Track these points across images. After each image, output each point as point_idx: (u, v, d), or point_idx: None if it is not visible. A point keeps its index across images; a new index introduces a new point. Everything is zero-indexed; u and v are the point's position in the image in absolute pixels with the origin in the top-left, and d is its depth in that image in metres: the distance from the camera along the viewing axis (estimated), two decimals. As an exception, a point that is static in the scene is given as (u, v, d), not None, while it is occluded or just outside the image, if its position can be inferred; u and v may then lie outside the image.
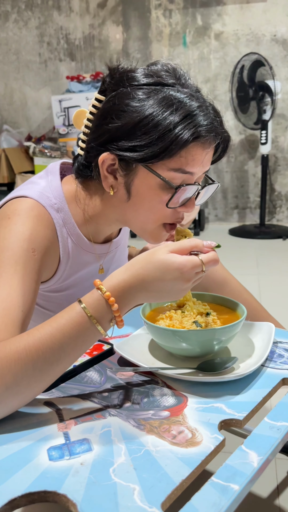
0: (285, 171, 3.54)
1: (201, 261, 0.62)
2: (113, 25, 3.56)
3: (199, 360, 0.74)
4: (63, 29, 3.64)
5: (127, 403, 0.65)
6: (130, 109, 0.71)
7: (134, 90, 0.71)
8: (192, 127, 0.69)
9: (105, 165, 0.74)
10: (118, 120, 0.71)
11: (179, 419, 0.61)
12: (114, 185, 0.76)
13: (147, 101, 0.70)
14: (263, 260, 2.67)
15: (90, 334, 0.62)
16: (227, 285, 1.09)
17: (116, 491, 0.48)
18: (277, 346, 0.81)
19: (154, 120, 0.69)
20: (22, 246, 0.72)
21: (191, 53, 3.49)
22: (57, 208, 0.79)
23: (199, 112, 0.71)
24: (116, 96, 0.73)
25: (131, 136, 0.71)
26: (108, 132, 0.73)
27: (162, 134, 0.69)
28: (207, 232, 3.48)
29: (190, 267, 0.62)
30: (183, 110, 0.70)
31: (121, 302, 0.62)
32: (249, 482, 0.50)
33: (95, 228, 0.85)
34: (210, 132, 0.72)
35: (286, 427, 0.58)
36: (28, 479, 0.50)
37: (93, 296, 0.62)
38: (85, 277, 0.89)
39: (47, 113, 3.76)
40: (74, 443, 0.56)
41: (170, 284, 0.62)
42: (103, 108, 0.75)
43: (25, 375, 0.58)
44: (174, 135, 0.69)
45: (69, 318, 0.61)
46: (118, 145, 0.72)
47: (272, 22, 3.31)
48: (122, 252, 0.99)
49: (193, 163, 0.72)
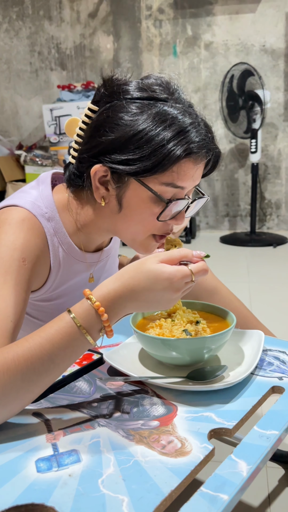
0: (275, 179, 3.57)
1: (191, 271, 0.63)
2: (104, 35, 3.58)
3: (189, 368, 0.74)
4: (54, 39, 3.65)
5: (116, 413, 0.65)
6: (124, 123, 0.71)
7: (128, 104, 0.72)
8: (184, 144, 0.70)
9: (97, 177, 0.75)
10: (112, 133, 0.72)
11: (169, 429, 0.60)
12: (106, 196, 0.77)
13: (141, 115, 0.71)
14: (254, 268, 2.68)
15: (80, 344, 0.62)
16: (218, 293, 1.09)
17: (105, 502, 0.48)
18: (267, 354, 0.81)
19: (147, 135, 0.70)
20: (12, 256, 0.71)
21: (181, 63, 3.52)
22: (48, 217, 0.79)
23: (192, 129, 0.72)
24: (110, 109, 0.73)
25: (124, 149, 0.71)
26: (101, 145, 0.73)
27: (155, 149, 0.70)
28: (198, 240, 3.49)
29: (179, 277, 0.62)
30: (176, 126, 0.71)
31: (111, 312, 0.62)
32: (238, 492, 0.50)
33: (86, 237, 0.85)
34: (202, 148, 0.73)
35: (275, 436, 0.58)
36: (16, 491, 0.50)
37: (83, 306, 0.62)
38: (76, 286, 0.89)
39: (38, 122, 3.77)
40: (62, 454, 0.56)
41: (159, 294, 0.63)
42: (96, 120, 0.75)
43: (14, 386, 0.58)
44: (167, 151, 0.70)
45: (58, 328, 0.61)
46: (111, 158, 0.72)
47: (261, 32, 3.36)
48: (113, 261, 0.99)
49: (184, 178, 0.73)
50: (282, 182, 3.56)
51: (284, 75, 3.39)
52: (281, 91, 3.42)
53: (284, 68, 3.38)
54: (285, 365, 0.77)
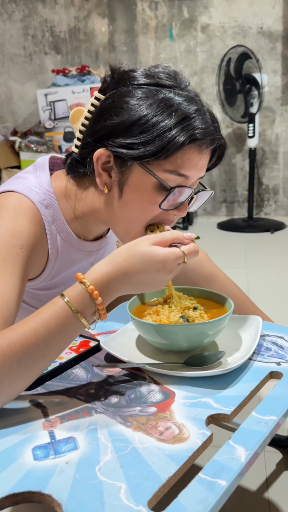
0: (272, 165, 3.55)
1: (183, 253, 0.64)
2: (99, 17, 3.51)
3: (186, 354, 0.73)
4: (48, 22, 3.58)
5: (113, 400, 0.64)
6: (129, 107, 0.71)
7: (134, 89, 0.72)
8: (189, 130, 0.70)
9: (100, 162, 0.74)
10: (116, 117, 0.71)
11: (166, 415, 0.60)
12: (108, 183, 0.75)
13: (146, 100, 0.70)
14: (251, 254, 2.67)
15: (74, 328, 0.62)
16: (215, 279, 1.08)
17: (102, 489, 0.47)
18: (265, 340, 0.81)
19: (152, 119, 0.69)
20: (10, 242, 0.70)
21: (177, 46, 3.47)
22: (46, 204, 0.78)
23: (197, 116, 0.71)
24: (115, 94, 0.73)
25: (128, 133, 0.71)
26: (105, 128, 0.72)
27: (159, 134, 0.69)
28: (195, 226, 3.47)
29: (173, 258, 0.63)
30: (181, 112, 0.70)
31: (104, 295, 0.63)
32: (236, 477, 0.49)
33: (84, 226, 0.84)
34: (207, 135, 0.72)
35: (274, 421, 0.58)
36: (12, 479, 0.49)
37: (76, 290, 0.62)
38: (73, 275, 0.88)
39: (33, 107, 3.71)
40: (59, 441, 0.55)
41: (153, 276, 0.63)
42: (101, 105, 0.74)
43: (10, 371, 0.57)
44: (172, 136, 0.69)
45: (53, 313, 0.61)
46: (115, 142, 0.71)
47: (258, 14, 3.30)
48: (111, 249, 0.98)
49: (189, 166, 0.72)
50: (279, 167, 3.54)
51: (282, 58, 3.34)
52: (279, 75, 3.37)
53: (282, 51, 3.33)
54: (283, 350, 0.77)
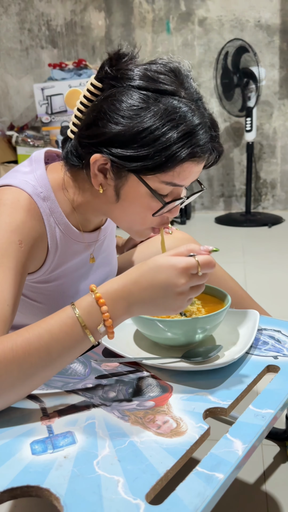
0: (270, 159, 3.54)
1: (197, 262, 0.60)
2: (95, 11, 3.49)
3: (184, 349, 0.73)
4: (44, 16, 3.56)
5: (111, 394, 0.64)
6: (129, 116, 0.68)
7: (133, 93, 0.69)
8: (189, 146, 0.68)
9: (96, 165, 0.73)
10: (115, 125, 0.69)
11: (164, 409, 0.60)
12: (103, 183, 0.75)
13: (147, 111, 0.68)
14: (249, 248, 2.67)
15: (78, 339, 0.60)
16: (213, 274, 1.08)
17: (100, 483, 0.48)
18: (262, 333, 0.81)
19: (152, 134, 0.67)
20: (9, 238, 0.70)
21: (174, 40, 3.45)
22: (43, 197, 0.78)
23: (199, 130, 0.69)
24: (114, 96, 0.70)
25: (127, 145, 0.69)
26: (103, 135, 0.70)
27: (158, 150, 0.68)
28: (193, 221, 3.47)
29: (184, 264, 0.60)
30: (184, 126, 0.68)
31: (112, 306, 0.60)
32: (234, 471, 0.50)
33: (82, 217, 0.84)
34: (207, 151, 0.72)
35: (271, 415, 0.58)
36: (11, 474, 0.49)
37: (85, 298, 0.61)
38: (74, 267, 0.88)
39: (30, 101, 3.69)
40: (57, 436, 0.55)
41: (164, 286, 0.60)
42: (100, 106, 0.72)
43: (10, 376, 0.57)
44: (171, 153, 0.68)
45: (58, 319, 0.60)
46: (112, 151, 0.70)
47: (256, 7, 3.28)
48: (110, 240, 0.98)
49: (184, 177, 0.72)
50: (277, 162, 3.53)
51: (280, 51, 3.32)
52: (276, 68, 3.36)
53: (280, 44, 3.31)
54: (280, 344, 0.77)
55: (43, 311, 0.86)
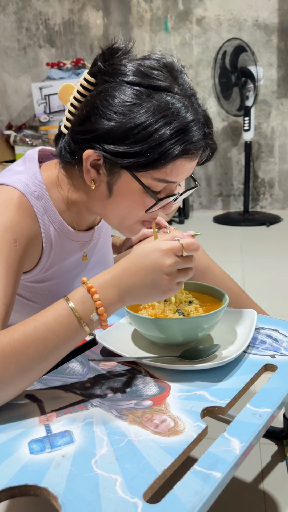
0: (268, 158, 3.55)
1: (181, 244, 0.63)
2: (93, 10, 3.49)
3: (181, 348, 0.73)
4: (42, 15, 3.55)
5: (109, 393, 0.65)
6: (122, 112, 0.68)
7: (127, 89, 0.69)
8: (182, 143, 0.68)
9: (89, 160, 0.73)
10: (108, 121, 0.69)
11: (162, 408, 0.60)
12: (96, 179, 0.75)
13: (140, 107, 0.67)
14: (247, 247, 2.68)
15: (73, 329, 0.61)
16: (211, 273, 1.08)
17: (98, 482, 0.48)
18: (259, 333, 0.81)
19: (145, 130, 0.67)
20: (3, 237, 0.70)
21: (172, 39, 3.45)
22: (37, 196, 0.78)
23: (192, 127, 0.69)
24: (107, 92, 0.70)
25: (120, 141, 0.69)
26: (96, 131, 0.70)
27: (152, 146, 0.67)
28: (191, 220, 3.47)
29: (168, 246, 0.63)
30: (177, 123, 0.68)
31: (103, 293, 0.62)
32: (231, 469, 0.50)
33: (76, 216, 0.84)
34: (200, 148, 0.72)
35: (268, 413, 0.59)
36: (9, 473, 0.49)
37: (78, 290, 0.63)
38: (69, 266, 0.88)
39: (28, 101, 3.69)
40: (55, 435, 0.56)
41: (151, 268, 0.62)
42: (93, 101, 0.71)
43: (9, 370, 0.57)
44: (164, 149, 0.67)
45: (53, 311, 0.61)
46: (105, 148, 0.70)
47: (254, 7, 3.28)
48: (105, 240, 0.98)
49: (177, 174, 0.72)
50: (275, 161, 3.54)
51: (278, 51, 3.33)
52: (274, 68, 3.36)
53: (278, 43, 3.31)
54: (277, 343, 0.77)
55: (38, 310, 0.86)
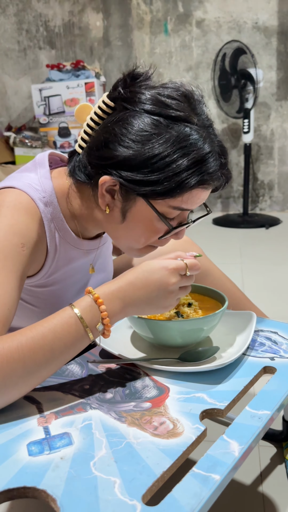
0: (267, 160, 3.55)
1: (185, 264, 0.68)
2: (93, 12, 3.49)
3: (181, 350, 0.73)
4: (42, 16, 3.56)
5: (108, 395, 0.65)
6: (139, 141, 0.69)
7: (145, 118, 0.69)
8: (199, 174, 0.69)
9: (104, 186, 0.73)
10: (126, 149, 0.69)
11: (161, 410, 0.60)
12: (110, 204, 0.75)
13: (159, 137, 0.68)
14: (246, 249, 2.68)
15: (79, 337, 0.63)
16: (210, 275, 1.09)
17: (97, 484, 0.48)
18: (259, 335, 0.81)
19: (163, 160, 0.68)
20: (11, 241, 0.70)
21: (172, 41, 3.45)
22: (45, 202, 0.77)
23: (209, 158, 0.70)
24: (127, 120, 0.70)
25: (137, 170, 0.69)
26: (114, 158, 0.70)
27: (169, 176, 0.68)
28: (191, 221, 3.47)
29: (174, 265, 0.67)
30: (194, 154, 0.69)
31: (109, 305, 0.64)
32: (230, 472, 0.50)
33: (83, 226, 0.84)
34: (216, 179, 0.73)
35: (267, 416, 0.59)
36: (7, 475, 0.49)
37: (83, 299, 0.65)
38: (72, 272, 0.88)
39: (27, 102, 3.69)
40: (54, 437, 0.56)
41: (157, 285, 0.66)
42: (111, 127, 0.72)
43: (15, 375, 0.58)
44: (181, 179, 0.69)
45: (60, 319, 0.62)
46: (122, 175, 0.70)
47: (253, 9, 3.29)
48: (106, 247, 0.98)
49: (192, 202, 0.73)
50: (274, 163, 3.54)
51: (277, 53, 3.33)
52: (274, 70, 3.37)
53: (277, 46, 3.32)
54: (276, 345, 0.77)
55: (38, 315, 0.86)
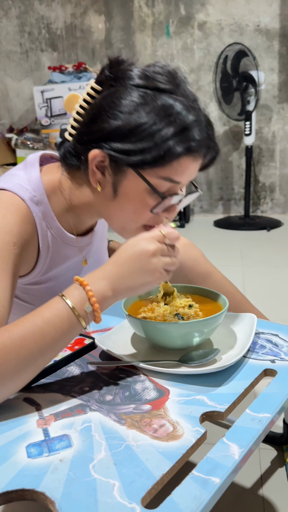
0: (269, 162, 3.55)
1: (161, 232, 0.67)
2: (95, 14, 3.50)
3: (181, 352, 0.73)
4: (44, 19, 3.57)
5: (108, 397, 0.64)
6: (127, 112, 0.71)
7: (132, 91, 0.72)
8: (186, 141, 0.71)
9: (94, 161, 0.74)
10: (114, 121, 0.71)
11: (161, 413, 0.60)
12: (101, 181, 0.76)
13: (145, 106, 0.70)
14: (247, 252, 2.67)
15: (68, 320, 0.63)
16: (211, 278, 1.08)
17: (96, 487, 0.47)
18: (259, 337, 0.81)
19: (151, 128, 0.70)
20: (3, 239, 0.71)
21: (174, 43, 3.46)
22: (36, 201, 0.78)
23: (195, 126, 0.72)
24: (113, 94, 0.72)
25: (125, 139, 0.71)
26: (102, 131, 0.72)
27: (157, 143, 0.70)
28: (192, 224, 3.47)
29: (150, 234, 0.67)
30: (180, 122, 0.71)
31: (95, 285, 0.64)
32: (230, 475, 0.49)
33: (76, 219, 0.84)
34: (202, 147, 0.74)
35: (267, 419, 0.58)
36: (6, 477, 0.49)
37: (71, 286, 0.65)
38: (66, 269, 0.88)
39: (29, 104, 3.70)
40: (53, 439, 0.55)
41: (137, 255, 0.66)
42: (99, 103, 0.74)
43: (10, 365, 0.58)
44: (168, 146, 0.70)
45: (48, 305, 0.63)
46: (111, 146, 0.72)
47: (255, 12, 3.29)
48: (100, 243, 0.98)
49: (182, 173, 0.74)
50: (276, 165, 3.54)
51: (279, 56, 3.34)
52: (276, 72, 3.37)
53: (279, 48, 3.33)
54: (277, 348, 0.77)
55: None
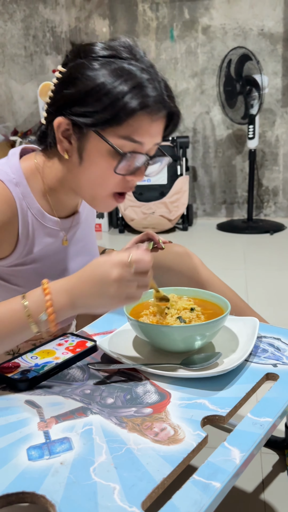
0: (272, 166, 3.55)
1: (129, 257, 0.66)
2: (100, 18, 3.51)
3: (183, 355, 0.73)
4: (49, 22, 3.58)
5: (109, 400, 0.64)
6: (85, 77, 0.74)
7: (90, 61, 0.75)
8: (140, 97, 0.73)
9: (60, 129, 0.77)
10: (74, 87, 0.75)
11: (162, 416, 0.60)
12: (69, 149, 0.79)
13: (100, 70, 0.74)
14: (250, 255, 2.67)
15: (20, 324, 0.67)
16: (210, 285, 1.08)
17: (96, 490, 0.47)
18: (261, 341, 0.80)
19: (105, 88, 0.72)
20: None
21: (178, 47, 3.46)
22: (15, 183, 0.82)
23: (148, 84, 0.74)
24: (74, 66, 0.76)
25: (83, 102, 0.74)
26: (64, 98, 0.76)
27: (111, 102, 0.72)
28: (195, 227, 3.47)
29: (117, 259, 0.66)
30: (133, 80, 0.73)
31: (56, 296, 0.66)
32: (231, 479, 0.49)
33: (55, 200, 0.86)
34: (158, 103, 0.75)
35: (269, 423, 0.58)
36: (6, 480, 0.49)
37: (36, 290, 0.69)
38: (49, 251, 0.90)
39: (33, 107, 3.71)
40: (54, 442, 0.55)
41: (99, 278, 0.66)
42: (62, 77, 0.78)
43: None
44: (123, 103, 0.72)
45: (7, 304, 0.68)
46: (72, 111, 0.75)
47: (259, 16, 3.30)
48: (87, 230, 0.99)
49: (141, 132, 0.75)
50: (279, 169, 3.54)
51: (283, 60, 3.34)
52: (279, 76, 3.37)
53: (283, 52, 3.33)
54: (279, 352, 0.76)
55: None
